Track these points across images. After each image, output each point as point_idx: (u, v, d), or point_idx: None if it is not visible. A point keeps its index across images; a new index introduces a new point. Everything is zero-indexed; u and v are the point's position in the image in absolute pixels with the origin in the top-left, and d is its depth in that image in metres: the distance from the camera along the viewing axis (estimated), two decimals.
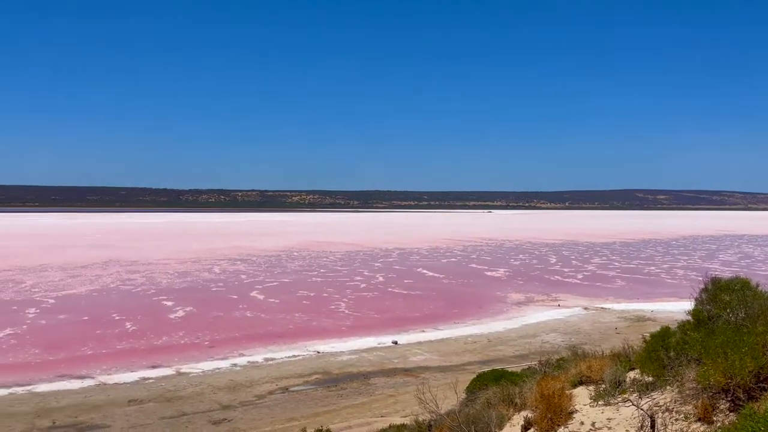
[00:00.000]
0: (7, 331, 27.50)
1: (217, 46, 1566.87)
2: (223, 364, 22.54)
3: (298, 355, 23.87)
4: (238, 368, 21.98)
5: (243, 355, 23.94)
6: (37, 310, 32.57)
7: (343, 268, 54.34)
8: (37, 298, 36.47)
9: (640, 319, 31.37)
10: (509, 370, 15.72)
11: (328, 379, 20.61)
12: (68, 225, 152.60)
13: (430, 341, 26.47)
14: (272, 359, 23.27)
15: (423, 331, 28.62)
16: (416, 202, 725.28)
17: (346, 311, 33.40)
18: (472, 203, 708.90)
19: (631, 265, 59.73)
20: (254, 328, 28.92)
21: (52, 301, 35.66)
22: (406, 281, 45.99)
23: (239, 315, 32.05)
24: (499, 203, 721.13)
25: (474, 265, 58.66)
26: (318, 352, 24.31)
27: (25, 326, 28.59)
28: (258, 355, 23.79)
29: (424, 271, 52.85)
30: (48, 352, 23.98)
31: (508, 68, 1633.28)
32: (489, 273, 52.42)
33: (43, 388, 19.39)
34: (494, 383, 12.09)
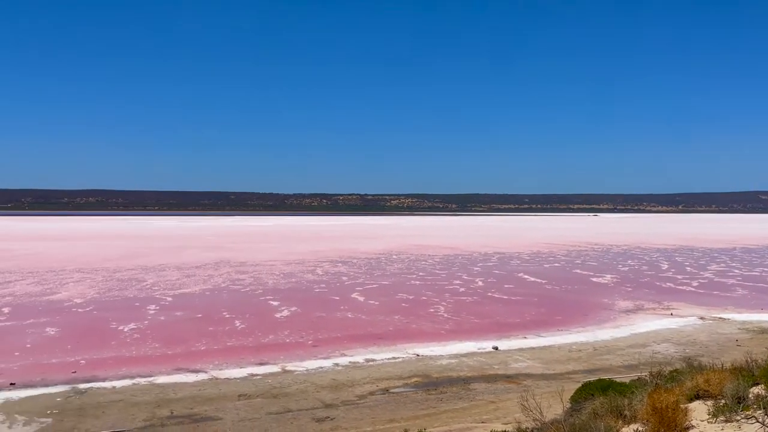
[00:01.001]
0: (131, 325, 29.75)
1: (318, 59, 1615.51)
2: (326, 363, 23.13)
3: (398, 357, 24.06)
4: (339, 368, 22.49)
5: (344, 355, 24.46)
6: (157, 307, 34.99)
7: (442, 272, 54.23)
8: (157, 296, 39.19)
9: (765, 331, 28.97)
10: (617, 380, 15.05)
11: (428, 382, 20.63)
12: (184, 227, 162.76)
13: (532, 348, 25.82)
14: (372, 360, 23.61)
15: (525, 337, 27.98)
16: (516, 205, 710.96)
17: (445, 315, 33.30)
18: (576, 206, 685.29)
19: (754, 273, 55.30)
20: (355, 328, 29.50)
21: (169, 299, 38.19)
22: (506, 286, 45.18)
23: (341, 316, 32.81)
24: (605, 206, 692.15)
25: (578, 271, 56.62)
26: (417, 355, 24.39)
27: (146, 321, 30.81)
28: (359, 356, 24.22)
29: (526, 276, 51.67)
30: (166, 346, 25.69)
31: (619, 68, 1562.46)
32: (595, 279, 50.41)
33: (162, 380, 20.78)
34: (601, 393, 11.64)
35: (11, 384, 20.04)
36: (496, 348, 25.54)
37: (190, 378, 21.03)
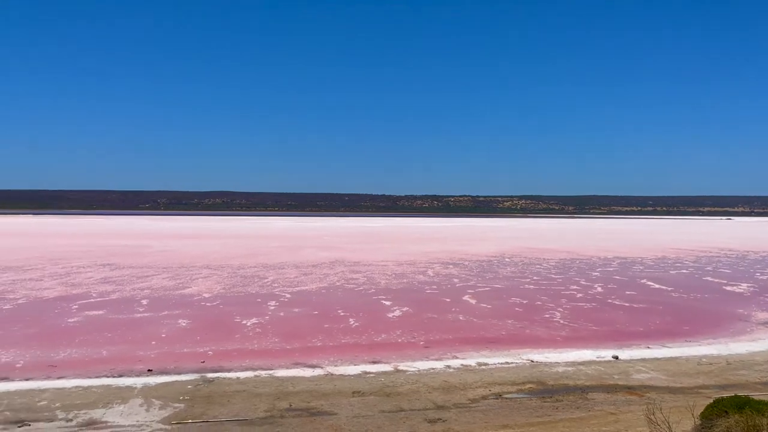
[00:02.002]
0: (253, 320, 31.38)
1: (424, 63, 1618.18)
2: (438, 364, 23.13)
3: (511, 363, 23.57)
4: (451, 370, 22.40)
5: (456, 357, 24.34)
6: (277, 304, 36.66)
7: (558, 276, 52.46)
8: (277, 293, 41.06)
9: None
10: (754, 398, 13.83)
11: (543, 389, 20.05)
12: (301, 228, 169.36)
13: (656, 359, 24.32)
14: (485, 364, 23.30)
15: (648, 347, 26.43)
16: (639, 208, 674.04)
17: (561, 321, 32.18)
18: (706, 209, 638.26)
19: None
20: (467, 331, 29.27)
21: (288, 296, 39.87)
22: (627, 293, 42.90)
23: (452, 318, 32.68)
24: (740, 209, 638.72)
25: (709, 278, 52.62)
26: (531, 361, 23.77)
27: (267, 317, 32.38)
28: (471, 359, 23.99)
29: (649, 283, 48.77)
30: (285, 341, 26.86)
31: (755, 63, 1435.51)
32: (728, 288, 46.62)
33: (281, 373, 21.74)
34: (736, 411, 10.77)
35: (149, 370, 21.84)
36: (616, 357, 24.33)
37: (307, 373, 21.83)
